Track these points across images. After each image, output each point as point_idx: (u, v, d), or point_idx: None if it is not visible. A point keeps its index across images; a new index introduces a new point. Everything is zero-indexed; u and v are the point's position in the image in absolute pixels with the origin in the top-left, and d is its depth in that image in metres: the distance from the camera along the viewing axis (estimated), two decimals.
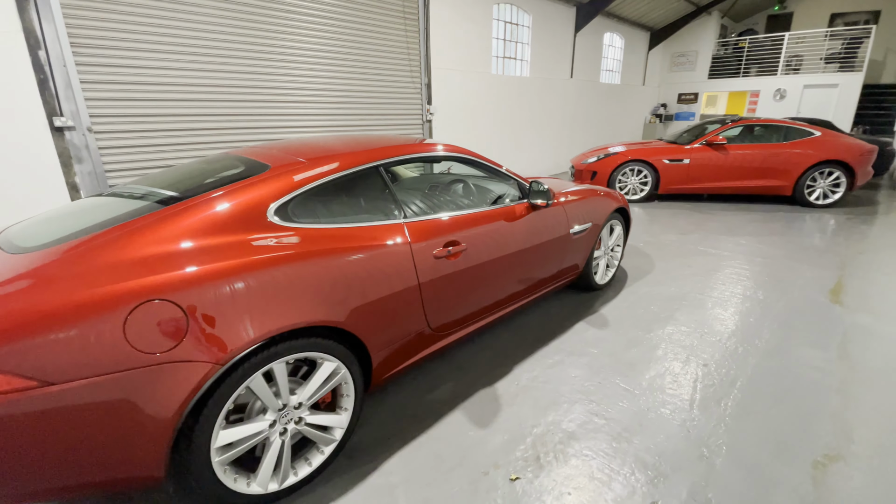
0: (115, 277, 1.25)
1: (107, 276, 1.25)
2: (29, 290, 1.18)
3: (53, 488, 1.22)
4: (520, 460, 1.78)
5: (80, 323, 1.16)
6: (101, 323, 1.18)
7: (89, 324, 1.17)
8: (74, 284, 1.21)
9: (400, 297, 1.84)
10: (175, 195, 1.62)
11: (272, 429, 1.53)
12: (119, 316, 1.20)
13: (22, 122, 3.49)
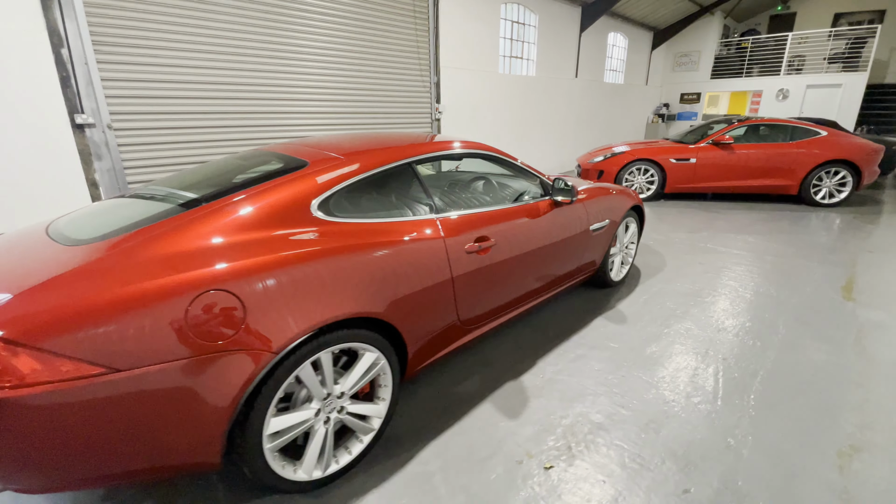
0: (174, 268, 1.29)
1: (166, 267, 1.29)
2: (94, 281, 1.22)
3: (116, 473, 1.27)
4: (552, 450, 1.83)
5: (145, 312, 1.21)
6: (165, 312, 1.22)
7: (153, 313, 1.21)
8: (137, 275, 1.25)
9: (434, 291, 1.89)
10: (219, 191, 1.65)
11: (317, 417, 1.57)
12: (181, 305, 1.24)
13: (44, 118, 3.52)
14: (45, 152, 3.57)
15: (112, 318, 1.17)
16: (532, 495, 1.61)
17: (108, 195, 3.92)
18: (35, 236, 1.59)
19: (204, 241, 1.40)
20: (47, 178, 3.61)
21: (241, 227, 1.49)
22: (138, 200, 1.79)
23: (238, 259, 1.38)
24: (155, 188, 1.94)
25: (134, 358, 1.19)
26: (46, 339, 1.11)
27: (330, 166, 1.80)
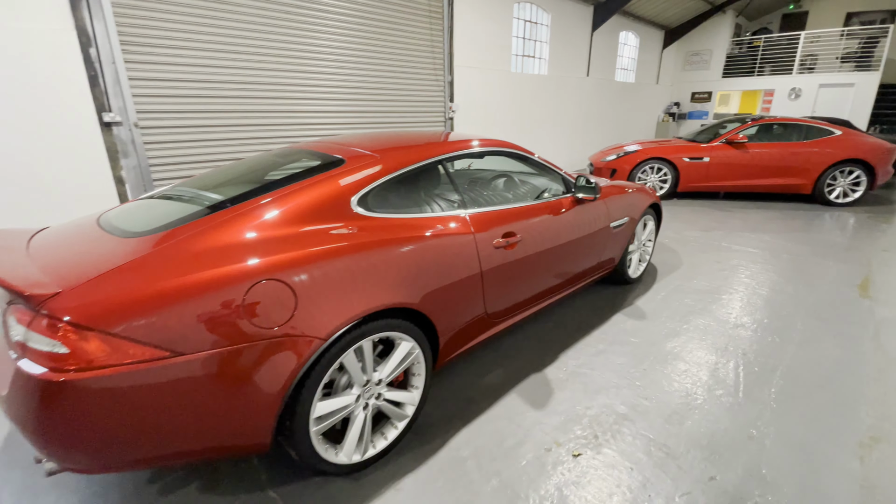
0: (230, 259, 1.36)
1: (223, 257, 1.36)
2: (157, 270, 1.30)
3: (172, 454, 1.34)
4: (579, 438, 1.88)
5: (206, 299, 1.28)
6: (223, 300, 1.30)
7: (213, 300, 1.29)
8: (196, 265, 1.32)
9: (464, 284, 1.95)
10: (265, 186, 1.73)
11: (357, 403, 1.64)
12: (239, 293, 1.32)
13: (74, 116, 3.62)
14: (74, 150, 3.67)
15: (175, 305, 1.25)
16: (563, 481, 1.67)
17: (133, 192, 4.02)
18: (88, 228, 1.67)
19: (255, 234, 1.48)
20: (76, 175, 3.71)
21: (289, 220, 1.56)
22: (185, 196, 1.86)
23: (288, 251, 1.45)
24: (197, 184, 2.02)
25: (195, 342, 1.26)
26: (115, 324, 1.19)
27: (366, 164, 1.87)
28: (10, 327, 1.26)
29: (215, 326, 1.28)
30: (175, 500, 1.61)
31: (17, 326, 1.22)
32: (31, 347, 1.18)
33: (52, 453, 1.25)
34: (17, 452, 1.85)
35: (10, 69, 3.29)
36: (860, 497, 1.59)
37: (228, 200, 1.63)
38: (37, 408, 1.18)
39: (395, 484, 1.67)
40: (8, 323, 1.27)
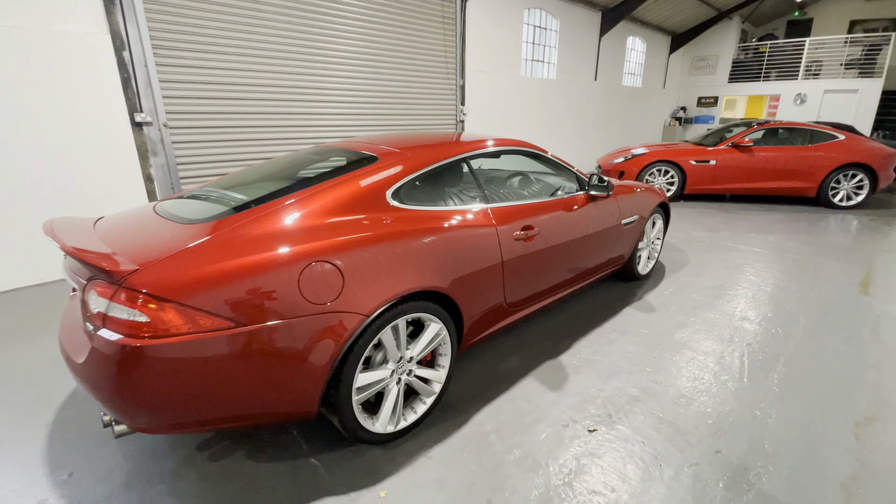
0: (284, 243, 1.52)
1: (279, 241, 1.52)
2: (222, 250, 1.45)
3: (231, 417, 1.49)
4: (594, 416, 2.02)
5: (267, 276, 1.44)
6: (281, 278, 1.45)
7: (272, 278, 1.44)
8: (255, 247, 1.48)
9: (487, 273, 2.10)
10: (309, 179, 1.89)
11: (391, 377, 1.79)
12: (294, 272, 1.47)
13: (107, 116, 3.81)
14: (107, 147, 3.86)
15: (239, 281, 1.40)
16: (581, 452, 1.81)
17: (161, 189, 4.20)
18: (147, 216, 1.84)
19: (304, 222, 1.63)
20: (108, 172, 3.90)
21: (332, 210, 1.72)
22: (234, 189, 2.02)
23: (335, 237, 1.60)
24: (241, 179, 2.18)
25: (257, 315, 1.41)
26: (188, 296, 1.35)
27: (398, 161, 2.02)
28: (90, 301, 1.42)
29: (274, 301, 1.44)
30: (224, 466, 1.76)
31: (98, 300, 1.38)
32: (112, 317, 1.34)
33: (126, 415, 1.40)
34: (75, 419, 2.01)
35: (49, 70, 3.48)
36: (855, 469, 1.72)
37: (277, 192, 1.79)
38: (117, 372, 1.33)
39: (425, 453, 1.81)
40: (89, 297, 1.43)
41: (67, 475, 1.73)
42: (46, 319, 3.02)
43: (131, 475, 1.72)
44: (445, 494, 1.62)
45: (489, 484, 1.66)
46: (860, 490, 1.63)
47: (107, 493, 1.64)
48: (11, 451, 1.84)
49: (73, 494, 1.64)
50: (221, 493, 1.63)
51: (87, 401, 2.17)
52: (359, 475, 1.70)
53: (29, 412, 2.09)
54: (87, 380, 1.43)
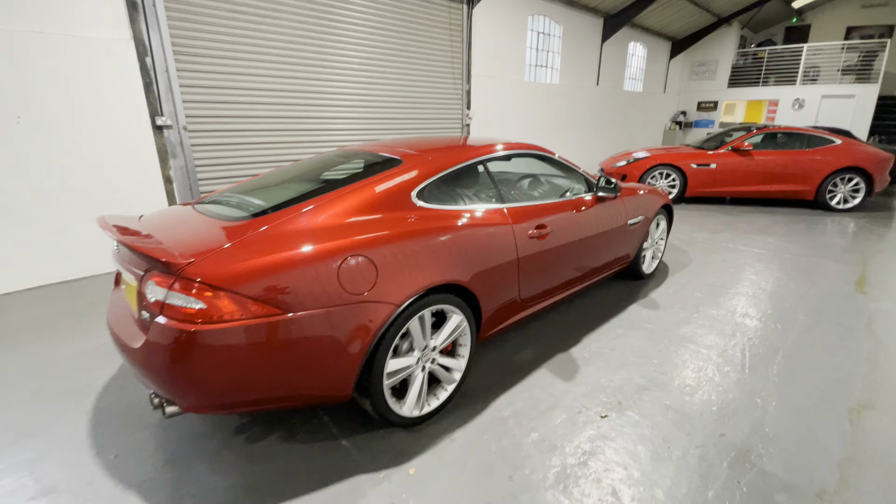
0: (323, 238, 1.65)
1: (317, 236, 1.65)
2: (266, 245, 1.58)
3: (272, 398, 1.62)
4: (605, 403, 2.15)
5: (309, 268, 1.56)
6: (323, 269, 1.58)
7: (314, 269, 1.57)
8: (297, 241, 1.61)
9: (504, 268, 2.23)
10: (340, 180, 2.02)
11: (417, 364, 1.92)
12: (334, 264, 1.60)
13: (130, 119, 3.94)
14: (128, 150, 3.99)
15: (285, 272, 1.53)
16: (594, 435, 1.94)
17: (180, 190, 4.32)
18: (189, 214, 1.97)
19: (339, 219, 1.77)
20: (129, 174, 4.03)
21: (363, 208, 1.85)
22: (269, 187, 2.16)
23: (368, 233, 1.73)
24: (274, 179, 2.31)
25: (302, 303, 1.54)
26: (240, 285, 1.47)
27: (421, 163, 2.16)
28: (147, 291, 1.54)
29: (316, 290, 1.56)
30: (261, 447, 1.88)
31: (157, 289, 1.50)
32: (170, 305, 1.47)
33: (180, 395, 1.53)
34: (113, 406, 2.14)
35: (75, 74, 3.61)
36: (849, 451, 1.85)
37: (312, 192, 1.92)
38: (175, 355, 1.46)
39: (448, 435, 1.94)
40: (146, 287, 1.55)
41: (113, 456, 1.85)
42: (73, 315, 3.14)
43: (174, 456, 1.84)
44: (470, 473, 1.74)
45: (510, 463, 1.79)
46: (853, 469, 1.75)
47: (152, 473, 1.76)
48: (57, 437, 1.96)
49: (121, 474, 1.76)
50: (262, 472, 1.75)
51: (125, 389, 2.29)
52: (388, 455, 1.83)
53: (68, 401, 2.21)
54: (143, 363, 1.55)
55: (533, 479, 1.71)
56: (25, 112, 3.46)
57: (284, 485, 1.69)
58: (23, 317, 3.11)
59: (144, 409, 2.14)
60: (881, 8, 13.14)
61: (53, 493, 1.67)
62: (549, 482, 1.69)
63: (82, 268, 3.90)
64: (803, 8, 14.30)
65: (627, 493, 1.64)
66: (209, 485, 1.69)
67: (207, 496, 1.64)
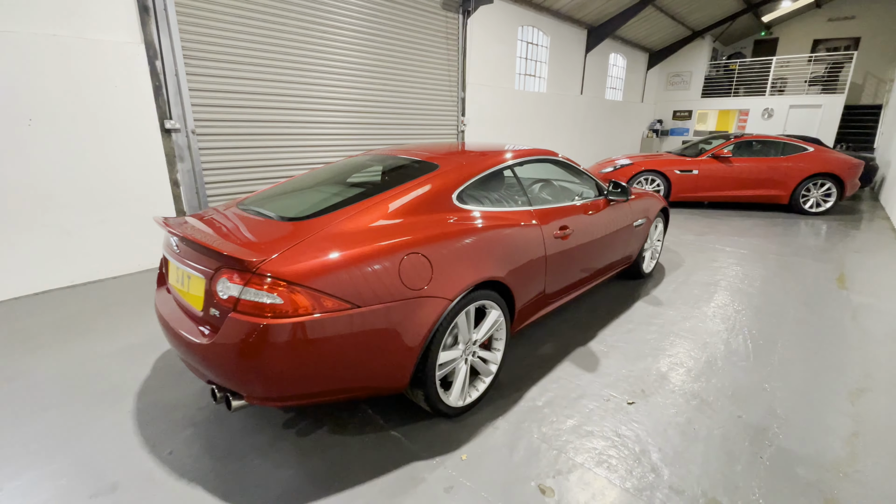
0: (383, 237, 1.75)
1: (377, 235, 1.75)
2: (332, 243, 1.67)
3: (340, 388, 1.70)
4: (629, 391, 2.31)
5: (373, 265, 1.66)
6: (386, 266, 1.69)
7: (379, 266, 1.67)
8: (360, 240, 1.71)
9: (534, 265, 2.37)
10: (383, 183, 2.12)
11: (460, 357, 2.03)
12: (396, 261, 1.71)
13: (139, 122, 3.93)
14: (137, 153, 3.97)
15: (353, 268, 1.63)
16: (624, 419, 2.09)
17: (187, 194, 4.31)
18: (236, 214, 2.03)
19: (392, 220, 1.87)
20: (137, 176, 4.00)
21: (411, 209, 1.96)
22: (311, 189, 2.24)
23: (419, 232, 1.84)
24: (315, 179, 2.40)
25: (369, 297, 1.64)
26: (314, 281, 1.56)
27: (456, 167, 2.28)
28: (219, 288, 1.61)
29: (381, 286, 1.66)
30: (313, 440, 1.96)
31: (231, 286, 1.57)
32: (246, 300, 1.54)
33: (251, 387, 1.60)
34: (155, 406, 2.17)
35: (85, 77, 3.59)
36: (853, 426, 2.06)
37: (361, 194, 2.02)
38: (250, 348, 1.53)
39: (491, 424, 2.06)
40: (218, 285, 1.62)
41: (168, 452, 1.89)
42: (88, 319, 3.12)
43: (228, 451, 1.90)
44: (518, 455, 1.86)
45: (553, 446, 1.92)
46: (861, 442, 1.95)
47: (211, 467, 1.81)
48: (105, 436, 1.99)
49: (180, 469, 1.80)
50: (319, 462, 1.83)
51: (162, 389, 2.32)
52: (438, 443, 1.93)
53: (108, 402, 2.22)
54: (212, 359, 1.61)
55: (578, 459, 1.84)
56: (37, 114, 3.42)
57: (344, 473, 1.77)
58: (38, 322, 3.07)
59: (188, 407, 2.18)
60: (846, 21, 14.02)
61: (116, 490, 1.70)
62: (592, 460, 1.83)
63: (88, 272, 3.85)
64: (772, 22, 15.13)
65: (666, 470, 1.79)
66: (272, 476, 1.76)
67: (273, 486, 1.71)
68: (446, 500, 1.65)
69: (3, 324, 3.04)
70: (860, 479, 1.76)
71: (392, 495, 1.67)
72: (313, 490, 1.69)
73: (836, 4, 14.23)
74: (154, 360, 2.60)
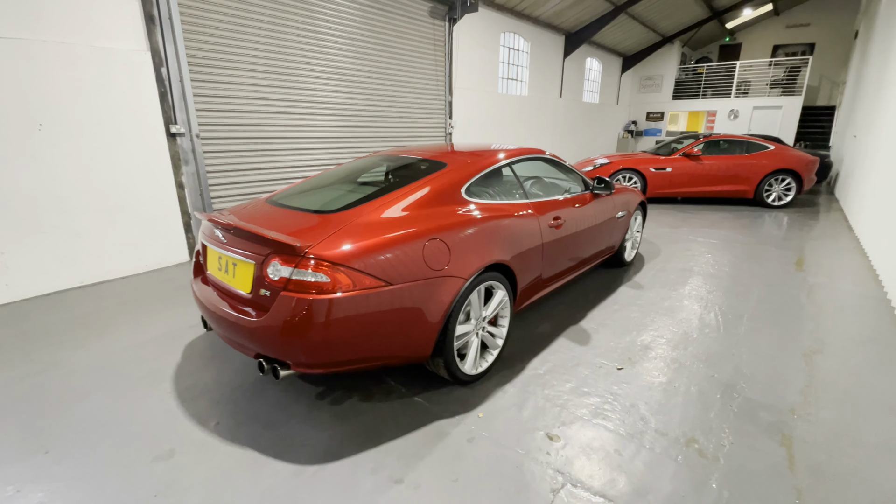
0: (408, 225, 2.02)
1: (404, 223, 2.02)
2: (365, 231, 1.93)
3: (375, 356, 1.95)
4: (619, 360, 2.63)
5: (403, 248, 1.93)
6: (413, 249, 1.95)
7: (407, 249, 1.94)
8: (389, 228, 1.97)
9: (533, 252, 2.67)
10: (403, 179, 2.39)
11: (472, 331, 2.31)
12: (420, 246, 1.98)
13: (145, 127, 4.08)
14: (143, 157, 4.12)
15: (386, 251, 1.89)
16: (615, 381, 2.40)
17: (191, 196, 4.47)
18: (271, 209, 2.27)
19: (412, 211, 2.14)
20: (144, 180, 4.15)
21: (429, 202, 2.23)
22: (330, 187, 2.49)
23: (437, 221, 2.12)
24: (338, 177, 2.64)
25: (400, 276, 1.90)
26: (356, 262, 1.81)
27: (462, 165, 2.56)
28: (270, 271, 1.84)
29: (409, 266, 1.93)
30: (346, 407, 2.20)
31: (282, 268, 1.81)
32: (296, 280, 1.78)
33: (301, 357, 1.83)
34: (195, 387, 2.37)
35: (93, 84, 3.73)
36: (806, 380, 2.43)
37: (381, 190, 2.29)
38: (300, 322, 1.76)
39: (500, 388, 2.34)
40: (268, 268, 1.85)
41: (215, 423, 2.11)
42: (105, 316, 3.27)
43: (271, 420, 2.13)
44: (527, 412, 2.15)
45: (556, 404, 2.21)
46: (813, 393, 2.32)
47: (258, 432, 2.04)
48: (152, 414, 2.19)
49: (230, 435, 2.03)
50: (356, 424, 2.08)
51: (198, 372, 2.52)
52: (456, 405, 2.20)
53: (148, 385, 2.41)
54: (263, 333, 1.84)
55: (578, 413, 2.14)
56: (46, 119, 3.55)
57: (377, 432, 2.02)
58: (55, 319, 3.21)
59: (224, 386, 2.39)
60: (803, 28, 14.95)
61: (175, 455, 1.91)
62: (590, 413, 2.14)
63: (98, 273, 3.98)
64: (735, 28, 15.98)
65: (652, 418, 2.11)
66: (314, 437, 2.00)
67: (316, 444, 1.95)
68: (469, 448, 1.92)
69: (20, 322, 3.16)
70: (811, 419, 2.12)
71: (422, 446, 1.93)
72: (353, 446, 1.94)
73: (794, 12, 15.16)
74: (183, 348, 2.79)
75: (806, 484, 1.74)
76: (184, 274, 4.20)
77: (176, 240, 4.45)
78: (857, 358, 2.66)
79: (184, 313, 3.31)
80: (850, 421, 2.11)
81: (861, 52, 9.51)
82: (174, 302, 3.53)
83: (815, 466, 1.83)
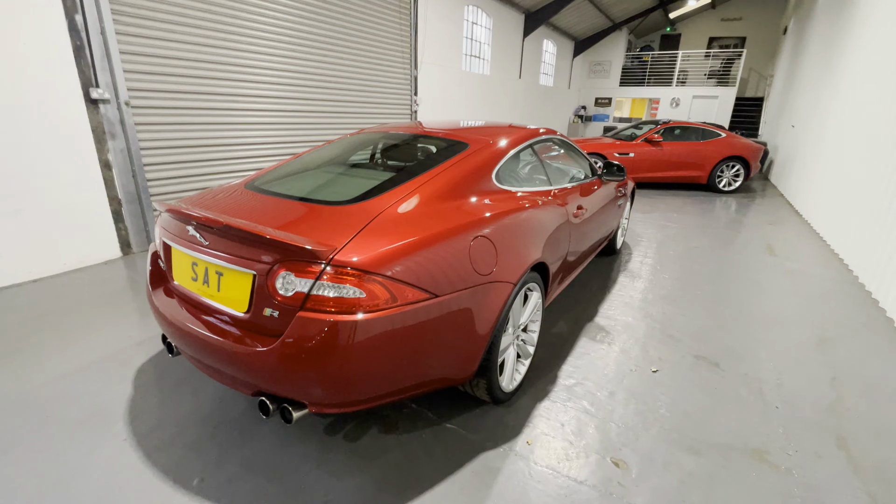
0: (444, 220, 1.62)
1: (439, 218, 1.62)
2: (393, 230, 1.50)
3: (411, 386, 1.55)
4: (649, 361, 2.44)
5: (445, 250, 1.53)
6: (458, 251, 1.57)
7: (450, 251, 1.55)
8: (423, 224, 1.56)
9: (562, 245, 2.38)
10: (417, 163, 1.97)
11: (511, 341, 1.99)
12: (465, 245, 1.59)
13: (56, 90, 3.24)
14: (56, 129, 3.28)
15: (427, 255, 1.48)
16: (652, 384, 2.20)
17: (121, 177, 3.68)
18: (255, 197, 1.76)
19: (446, 202, 1.74)
20: (58, 158, 3.32)
21: (458, 190, 1.84)
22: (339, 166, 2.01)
23: (477, 214, 1.74)
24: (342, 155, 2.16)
25: (446, 286, 1.51)
26: (392, 271, 1.39)
27: (486, 145, 2.18)
28: (280, 284, 1.37)
29: (455, 272, 1.54)
30: (366, 443, 1.80)
31: (297, 280, 1.35)
32: (318, 296, 1.33)
33: (323, 394, 1.40)
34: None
35: None
36: (830, 371, 2.38)
37: (404, 173, 1.85)
38: (326, 349, 1.32)
39: (539, 405, 2.05)
40: (277, 280, 1.38)
41: (198, 481, 1.62)
42: (13, 335, 2.56)
43: (271, 468, 1.67)
44: (578, 433, 1.88)
45: (600, 417, 1.97)
46: (839, 387, 2.27)
47: (257, 489, 1.59)
48: (105, 472, 1.65)
49: (218, 496, 1.56)
50: (383, 466, 1.68)
51: (158, 408, 1.97)
52: (497, 430, 1.88)
53: (93, 431, 1.84)
54: (271, 366, 1.38)
55: (631, 424, 1.90)
56: None
57: (416, 475, 1.65)
58: None
59: (199, 426, 1.88)
60: (735, 22, 15.86)
61: None
62: (642, 426, 1.91)
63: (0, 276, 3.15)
64: (676, 19, 16.63)
65: (711, 429, 1.92)
66: (337, 488, 1.58)
67: (343, 499, 1.54)
68: (533, 486, 1.61)
69: None
70: (851, 415, 2.04)
71: (476, 490, 1.59)
72: (390, 498, 1.55)
73: (728, 6, 16.04)
74: (134, 374, 2.21)
75: (875, 489, 1.62)
76: (116, 273, 3.45)
77: (103, 231, 3.65)
78: (859, 346, 2.68)
79: (126, 325, 2.67)
80: (887, 414, 2.07)
81: (793, 47, 10.18)
82: (110, 311, 2.85)
83: (878, 467, 1.73)
